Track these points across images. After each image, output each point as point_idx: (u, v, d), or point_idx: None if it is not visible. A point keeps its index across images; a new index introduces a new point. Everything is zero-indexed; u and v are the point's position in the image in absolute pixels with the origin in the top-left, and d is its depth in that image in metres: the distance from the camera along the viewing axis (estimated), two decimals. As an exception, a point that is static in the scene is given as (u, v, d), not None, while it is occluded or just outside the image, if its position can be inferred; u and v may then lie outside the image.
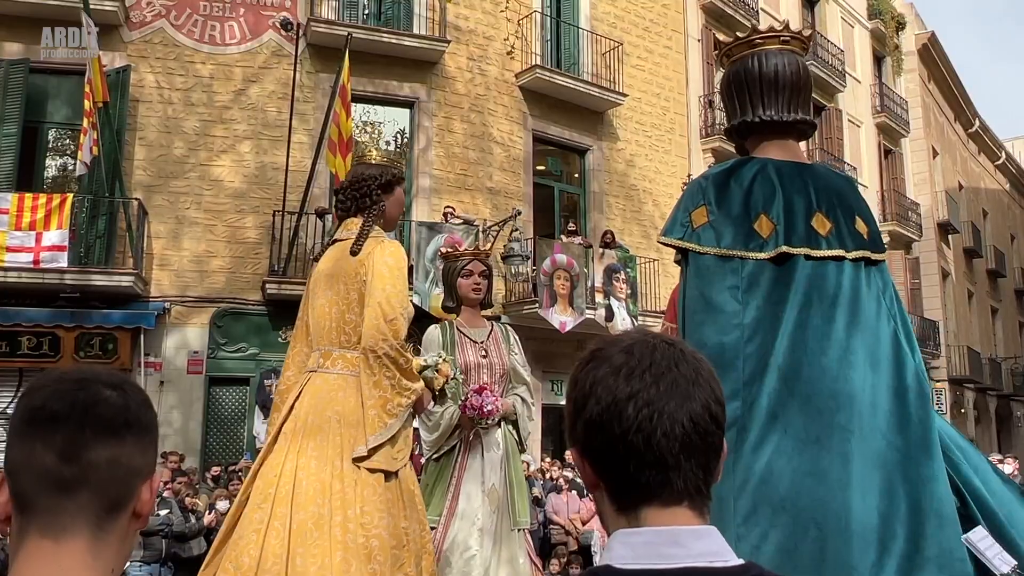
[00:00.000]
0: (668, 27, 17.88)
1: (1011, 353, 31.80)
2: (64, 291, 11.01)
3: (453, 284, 4.08)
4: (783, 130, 2.32)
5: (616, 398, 0.96)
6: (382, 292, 3.00)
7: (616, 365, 0.98)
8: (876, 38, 25.56)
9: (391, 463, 2.94)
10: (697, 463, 0.97)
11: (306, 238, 12.25)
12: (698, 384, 0.98)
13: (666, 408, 0.95)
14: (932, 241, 25.91)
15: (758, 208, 2.15)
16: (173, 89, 12.44)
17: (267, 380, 12.07)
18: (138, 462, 0.99)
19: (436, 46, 13.70)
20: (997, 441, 28.61)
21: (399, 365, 2.96)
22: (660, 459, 0.95)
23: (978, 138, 32.25)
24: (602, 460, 0.98)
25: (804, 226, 2.14)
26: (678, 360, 0.98)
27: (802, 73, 2.33)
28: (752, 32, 2.40)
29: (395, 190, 3.31)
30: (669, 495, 0.96)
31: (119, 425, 0.98)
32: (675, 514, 0.96)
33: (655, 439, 0.95)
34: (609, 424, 0.96)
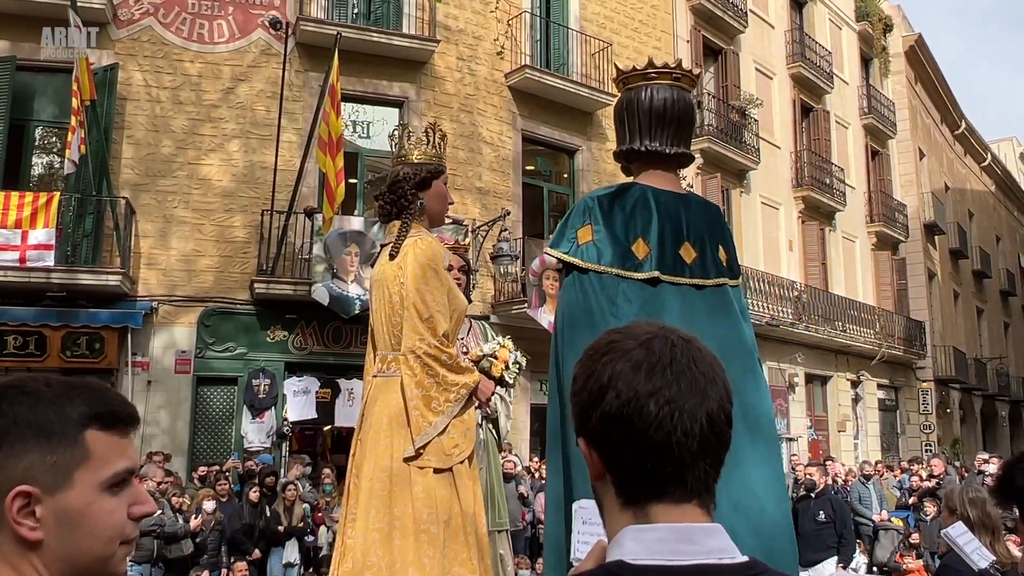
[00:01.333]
0: (657, 28, 17.92)
1: (996, 353, 32.04)
2: (51, 290, 10.95)
3: None
4: (666, 160, 2.50)
5: (637, 393, 0.96)
6: (416, 292, 3.03)
7: (636, 360, 0.98)
8: (863, 40, 25.70)
9: (443, 459, 2.96)
10: (710, 462, 0.98)
11: (295, 237, 12.22)
12: (714, 383, 0.99)
13: (686, 406, 0.96)
14: (918, 242, 26.07)
15: (636, 232, 2.36)
16: (161, 87, 12.38)
17: (255, 380, 12.04)
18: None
19: (425, 46, 13.69)
20: (982, 441, 28.83)
21: (441, 362, 2.98)
22: (678, 457, 0.96)
23: (964, 140, 32.47)
24: (616, 454, 0.98)
25: (673, 253, 2.37)
26: (696, 358, 0.99)
27: (687, 109, 2.52)
28: (648, 66, 2.56)
29: (433, 185, 3.28)
30: (682, 493, 0.97)
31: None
32: (685, 511, 0.97)
33: (675, 437, 0.95)
34: (629, 419, 0.96)
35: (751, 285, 18.09)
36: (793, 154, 21.57)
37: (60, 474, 0.96)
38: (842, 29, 24.82)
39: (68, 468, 0.97)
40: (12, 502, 0.94)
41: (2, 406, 0.98)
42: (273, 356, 12.33)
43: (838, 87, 23.47)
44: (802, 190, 21.24)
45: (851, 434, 22.05)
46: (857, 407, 22.62)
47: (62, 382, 1.03)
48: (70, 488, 0.97)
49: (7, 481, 0.94)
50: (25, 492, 0.94)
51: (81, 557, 0.97)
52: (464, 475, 3.02)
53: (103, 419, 1.01)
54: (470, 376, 3.07)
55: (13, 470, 0.95)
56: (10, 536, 0.94)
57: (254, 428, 11.90)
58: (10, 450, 0.95)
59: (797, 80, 21.96)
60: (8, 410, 0.98)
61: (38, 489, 0.95)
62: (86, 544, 0.97)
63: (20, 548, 0.95)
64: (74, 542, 0.96)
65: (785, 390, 19.48)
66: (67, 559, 0.96)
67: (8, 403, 0.98)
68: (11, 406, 0.98)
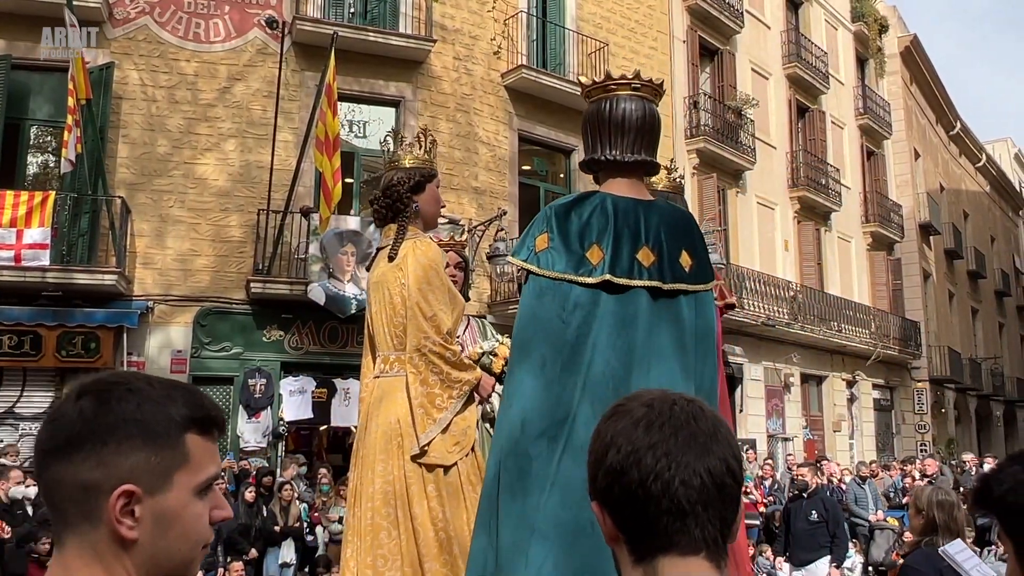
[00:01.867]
0: (653, 28, 17.94)
1: (991, 353, 32.12)
2: (46, 289, 10.92)
3: None
4: (629, 169, 2.57)
5: (635, 447, 0.99)
6: (419, 292, 3.09)
7: (636, 418, 1.02)
8: (859, 40, 25.74)
9: (446, 456, 3.02)
10: (714, 514, 0.99)
11: (291, 237, 12.21)
12: (716, 439, 1.01)
13: (683, 459, 0.98)
14: (914, 242, 26.13)
15: (592, 239, 2.44)
16: (157, 87, 12.36)
17: (251, 380, 12.03)
18: (91, 477, 0.95)
19: (422, 45, 13.68)
20: (977, 441, 28.91)
21: (446, 359, 3.06)
22: (678, 506, 0.97)
23: (959, 140, 32.55)
24: (621, 509, 1.00)
25: (629, 257, 2.43)
26: (697, 415, 1.02)
27: (647, 118, 2.59)
28: (606, 78, 2.64)
29: (426, 188, 3.34)
30: (687, 544, 0.98)
31: (62, 443, 0.97)
32: (691, 564, 0.98)
33: (673, 487, 0.97)
34: (628, 471, 0.99)
35: (747, 285, 18.12)
36: (789, 154, 21.61)
37: (161, 476, 0.97)
38: (838, 30, 24.86)
39: (169, 470, 0.98)
40: (116, 500, 0.94)
41: (110, 403, 0.98)
42: (269, 356, 12.32)
43: (834, 87, 23.51)
44: (798, 190, 21.28)
45: (846, 434, 22.09)
46: (852, 407, 22.67)
47: (163, 382, 1.04)
48: (169, 490, 0.98)
49: (112, 479, 0.95)
50: (129, 491, 0.95)
51: (170, 559, 0.98)
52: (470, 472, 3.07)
53: (201, 423, 1.02)
54: (472, 373, 3.12)
55: (119, 468, 0.95)
56: (107, 533, 0.95)
57: (250, 428, 11.89)
58: (117, 448, 0.96)
59: (793, 80, 22.00)
60: (116, 407, 0.98)
61: (140, 489, 0.96)
62: (176, 546, 0.98)
63: (115, 546, 0.95)
64: (166, 544, 0.97)
65: (781, 390, 19.51)
66: (156, 560, 0.97)
67: (116, 400, 0.98)
68: (119, 403, 0.98)
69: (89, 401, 0.98)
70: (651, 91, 2.65)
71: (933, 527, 3.57)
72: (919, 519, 3.72)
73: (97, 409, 0.97)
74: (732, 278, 17.61)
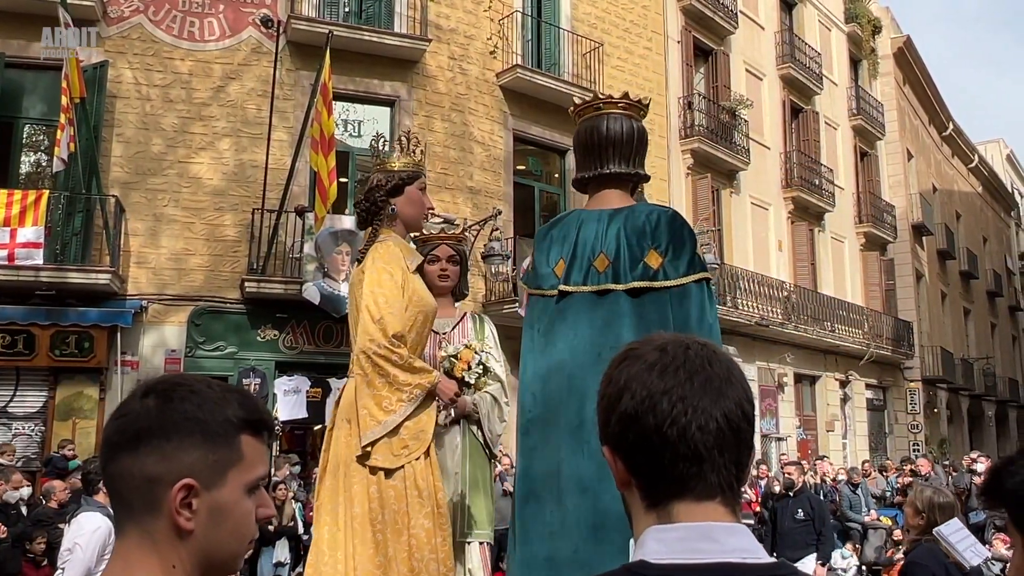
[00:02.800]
0: (648, 28, 17.97)
1: (983, 354, 32.24)
2: (39, 288, 10.89)
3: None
4: (613, 181, 2.80)
5: (651, 392, 0.98)
6: (370, 295, 3.08)
7: (650, 362, 1.00)
8: (853, 41, 25.82)
9: (391, 460, 2.99)
10: (730, 459, 0.98)
11: (285, 236, 12.20)
12: (731, 383, 1.00)
13: (700, 404, 0.97)
14: (906, 243, 26.22)
15: (560, 254, 2.71)
16: (151, 85, 12.33)
17: (245, 379, 12.01)
18: (156, 470, 1.02)
19: (417, 45, 13.68)
20: (969, 440, 29.01)
21: (392, 362, 3.01)
22: (695, 452, 0.96)
23: (952, 141, 32.66)
24: (635, 455, 0.99)
25: (585, 266, 2.66)
26: (711, 359, 1.01)
27: (632, 134, 2.79)
28: (594, 98, 2.89)
29: (406, 191, 3.32)
30: (703, 489, 0.97)
31: (129, 437, 1.04)
32: (707, 509, 0.97)
33: (690, 432, 0.96)
34: (644, 417, 0.98)
35: (741, 285, 18.16)
36: (783, 155, 21.66)
37: (218, 472, 1.04)
38: (831, 30, 24.93)
39: (225, 467, 1.05)
40: (177, 492, 1.01)
41: (173, 402, 1.05)
42: (264, 355, 12.30)
43: (827, 88, 23.58)
44: (791, 191, 21.33)
45: (839, 434, 22.16)
46: (845, 407, 22.74)
47: (221, 385, 1.11)
48: (223, 486, 1.04)
49: (173, 472, 1.02)
50: (189, 484, 1.01)
51: (220, 552, 1.05)
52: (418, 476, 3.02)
53: (254, 425, 1.09)
54: (425, 376, 3.07)
55: (180, 463, 1.02)
56: (166, 524, 1.02)
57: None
58: (179, 443, 1.03)
59: (787, 81, 22.05)
60: (179, 406, 1.05)
61: (198, 483, 1.02)
62: (227, 540, 1.05)
63: (173, 536, 1.02)
64: (218, 537, 1.04)
65: (774, 390, 19.57)
66: (207, 552, 1.04)
67: (179, 400, 1.05)
68: (181, 403, 1.05)
69: (154, 399, 1.05)
70: (636, 109, 2.84)
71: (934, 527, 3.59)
72: (918, 519, 3.73)
73: (163, 407, 1.04)
74: (726, 278, 17.66)
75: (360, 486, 3.00)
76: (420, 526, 2.96)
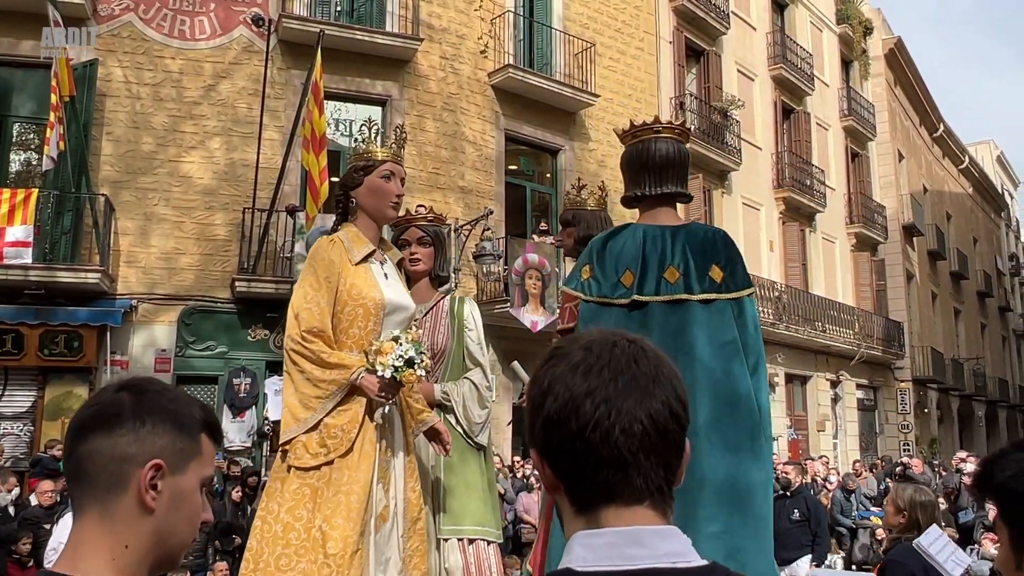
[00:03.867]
0: (640, 29, 17.98)
1: (973, 354, 32.39)
2: (28, 288, 10.83)
3: None
4: (663, 200, 3.02)
5: (573, 395, 0.94)
6: (295, 290, 3.07)
7: (574, 362, 0.96)
8: (844, 43, 25.90)
9: (304, 458, 2.90)
10: (657, 461, 0.94)
11: (276, 236, 12.16)
12: (658, 382, 0.96)
13: (624, 405, 0.93)
14: (897, 243, 26.31)
15: (625, 265, 2.86)
16: (142, 84, 12.28)
17: (235, 379, 11.97)
18: (129, 450, 1.09)
19: (409, 44, 13.66)
20: (959, 440, 29.14)
21: (306, 357, 2.94)
22: (618, 457, 0.93)
23: (942, 142, 32.80)
24: (560, 460, 0.96)
25: (656, 277, 2.85)
26: (638, 357, 0.96)
27: (675, 156, 3.00)
28: (655, 121, 3.09)
29: (364, 181, 3.20)
30: (629, 494, 0.94)
31: (104, 421, 1.11)
32: (636, 514, 0.94)
33: (613, 436, 0.93)
34: (566, 421, 0.94)
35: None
36: (774, 155, 21.71)
37: (183, 459, 1.13)
38: (823, 32, 25.00)
39: (188, 457, 1.14)
40: (148, 470, 1.09)
41: (149, 393, 1.15)
42: (254, 355, 12.26)
43: (819, 89, 23.64)
44: (783, 191, 21.38)
45: (830, 434, 22.22)
46: (836, 407, 22.80)
47: (181, 389, 1.23)
48: (185, 473, 1.13)
49: (145, 453, 1.10)
50: (159, 465, 1.10)
51: (173, 537, 1.13)
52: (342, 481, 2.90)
53: (212, 428, 1.20)
54: (339, 372, 2.94)
55: (152, 445, 1.10)
56: (130, 501, 1.09)
57: (235, 427, 11.83)
58: (152, 428, 1.11)
59: (778, 82, 22.11)
60: (154, 397, 1.15)
61: (166, 466, 1.11)
62: (181, 526, 1.14)
63: (133, 515, 1.09)
64: (174, 521, 1.12)
65: (765, 390, 19.60)
66: (162, 535, 1.11)
67: (154, 393, 1.15)
68: (156, 395, 1.15)
69: (128, 393, 1.14)
70: (683, 134, 3.10)
71: (915, 526, 3.60)
72: (899, 518, 3.73)
73: (139, 397, 1.13)
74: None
75: (275, 484, 2.95)
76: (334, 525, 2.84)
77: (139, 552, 1.09)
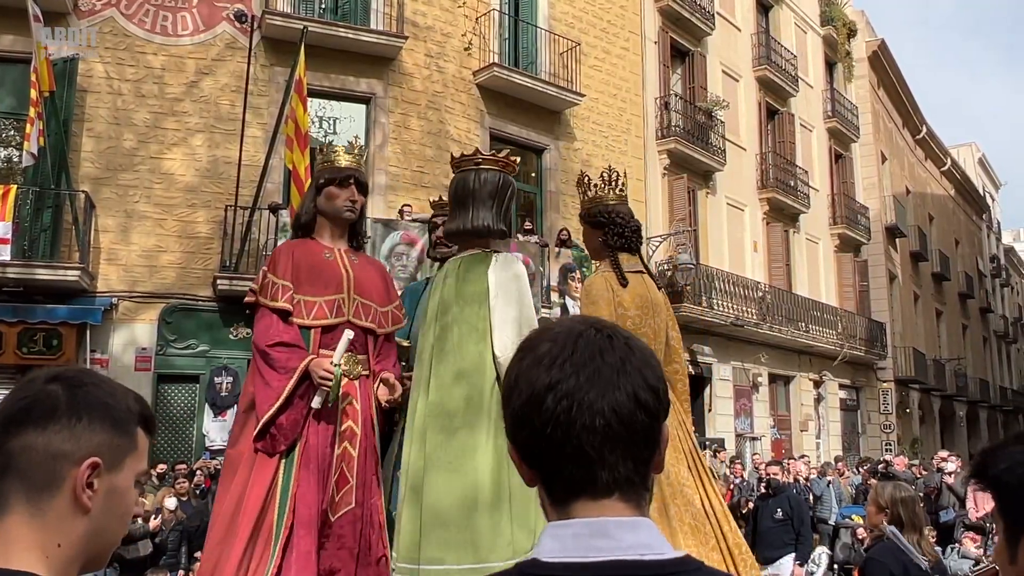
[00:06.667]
0: (625, 28, 18.00)
1: (954, 354, 32.63)
2: (7, 285, 10.71)
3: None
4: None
5: (535, 390, 0.93)
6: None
7: (539, 355, 0.95)
8: (828, 44, 26.03)
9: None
10: (624, 454, 0.93)
11: (259, 234, 12.08)
12: (624, 372, 0.93)
13: (586, 399, 0.91)
14: (880, 244, 26.47)
15: None
16: (123, 80, 12.17)
17: (217, 378, 11.89)
18: (64, 447, 1.05)
19: (393, 42, 13.61)
20: (941, 440, 29.34)
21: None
22: (581, 452, 0.92)
23: (925, 144, 33.03)
24: (530, 455, 0.96)
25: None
26: (603, 348, 0.94)
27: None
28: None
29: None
30: (595, 489, 0.93)
31: (38, 415, 1.06)
32: (604, 507, 0.93)
33: (574, 432, 0.91)
34: (530, 417, 0.93)
35: (716, 285, 18.24)
36: (758, 156, 21.79)
37: (119, 456, 1.09)
38: (807, 33, 25.12)
39: (124, 453, 1.10)
40: (85, 469, 1.05)
41: (85, 386, 1.09)
42: (236, 354, 12.17)
43: (803, 90, 23.75)
44: (767, 192, 21.47)
45: (813, 433, 22.32)
46: (819, 407, 22.92)
47: (114, 381, 1.16)
48: (121, 471, 1.10)
49: (81, 451, 1.06)
50: (96, 463, 1.05)
51: (106, 535, 1.09)
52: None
53: (146, 421, 1.15)
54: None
55: (89, 442, 1.06)
56: (64, 501, 1.05)
57: (216, 427, 11.74)
58: (88, 424, 1.07)
59: (763, 83, 22.19)
60: (90, 391, 1.09)
61: (103, 464, 1.06)
62: (114, 525, 1.10)
63: (66, 514, 1.05)
64: (108, 520, 1.09)
65: (749, 390, 19.68)
66: (95, 534, 1.07)
67: (91, 386, 1.10)
68: (92, 388, 1.10)
69: (61, 385, 1.09)
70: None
71: (897, 523, 3.60)
72: (881, 515, 3.73)
73: (74, 391, 1.08)
74: (702, 278, 17.73)
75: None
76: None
77: (72, 551, 1.06)
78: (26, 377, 1.17)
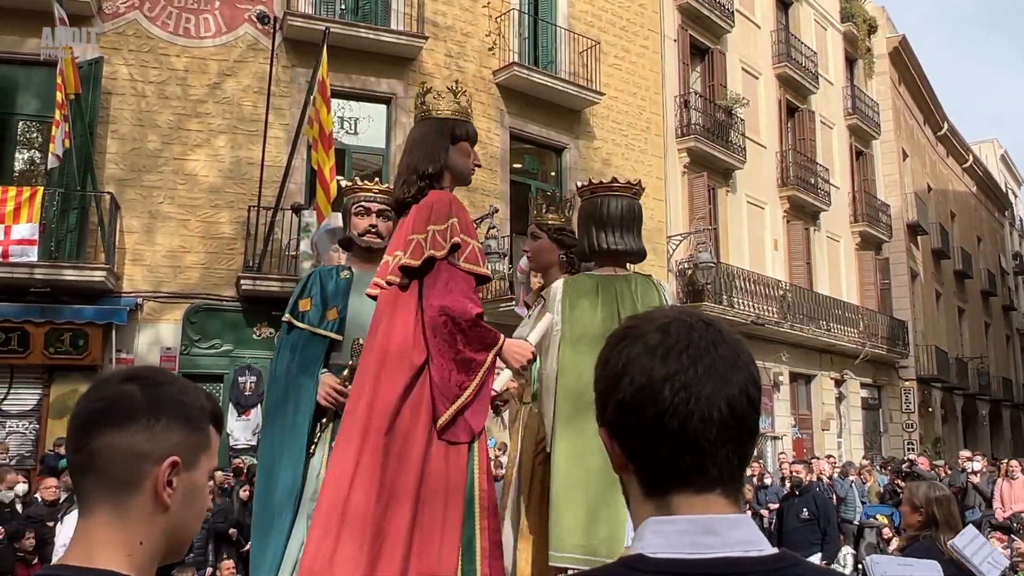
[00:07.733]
0: (645, 27, 17.95)
1: (976, 353, 32.32)
2: (34, 286, 10.83)
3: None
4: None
5: (651, 379, 0.92)
6: None
7: (651, 344, 0.94)
8: (848, 41, 25.84)
9: None
10: (733, 449, 0.93)
11: (281, 234, 12.15)
12: (736, 367, 0.94)
13: (703, 392, 0.91)
14: (901, 242, 26.26)
15: None
16: (147, 82, 12.27)
17: (241, 377, 11.96)
18: (144, 447, 1.07)
19: (414, 42, 13.64)
20: (963, 439, 29.09)
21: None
22: (696, 444, 0.91)
23: (946, 141, 32.73)
24: (633, 443, 0.95)
25: None
26: (716, 341, 0.94)
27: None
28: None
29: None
30: (703, 482, 0.92)
31: (117, 416, 1.08)
32: (708, 502, 0.92)
33: (691, 423, 0.91)
34: (643, 406, 0.92)
35: (736, 284, 18.16)
36: (778, 154, 21.67)
37: (195, 454, 1.12)
38: (827, 30, 24.95)
39: (200, 451, 1.13)
40: (166, 468, 1.08)
41: (161, 386, 1.12)
42: (259, 353, 12.24)
43: (823, 87, 23.59)
44: (787, 190, 21.34)
45: (835, 433, 22.18)
46: (840, 406, 22.76)
47: (186, 379, 1.20)
48: (197, 468, 1.12)
49: (161, 450, 1.08)
50: (176, 462, 1.08)
51: (184, 531, 1.12)
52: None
53: (217, 419, 1.18)
54: None
55: (167, 441, 1.08)
56: (146, 499, 1.07)
57: (240, 426, 11.82)
58: (167, 424, 1.09)
59: (783, 80, 22.06)
60: (165, 391, 1.12)
61: (181, 462, 1.09)
62: (191, 521, 1.13)
63: (148, 512, 1.07)
64: (186, 516, 1.11)
65: (770, 389, 19.57)
66: (175, 530, 1.10)
67: (166, 385, 1.13)
68: (167, 388, 1.12)
69: (137, 385, 1.10)
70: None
71: (932, 523, 3.58)
72: (916, 516, 3.71)
73: (150, 390, 1.10)
74: (722, 277, 17.66)
75: None
76: None
77: (152, 547, 1.08)
78: (99, 377, 1.19)
